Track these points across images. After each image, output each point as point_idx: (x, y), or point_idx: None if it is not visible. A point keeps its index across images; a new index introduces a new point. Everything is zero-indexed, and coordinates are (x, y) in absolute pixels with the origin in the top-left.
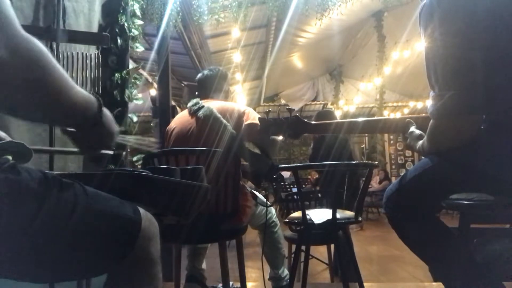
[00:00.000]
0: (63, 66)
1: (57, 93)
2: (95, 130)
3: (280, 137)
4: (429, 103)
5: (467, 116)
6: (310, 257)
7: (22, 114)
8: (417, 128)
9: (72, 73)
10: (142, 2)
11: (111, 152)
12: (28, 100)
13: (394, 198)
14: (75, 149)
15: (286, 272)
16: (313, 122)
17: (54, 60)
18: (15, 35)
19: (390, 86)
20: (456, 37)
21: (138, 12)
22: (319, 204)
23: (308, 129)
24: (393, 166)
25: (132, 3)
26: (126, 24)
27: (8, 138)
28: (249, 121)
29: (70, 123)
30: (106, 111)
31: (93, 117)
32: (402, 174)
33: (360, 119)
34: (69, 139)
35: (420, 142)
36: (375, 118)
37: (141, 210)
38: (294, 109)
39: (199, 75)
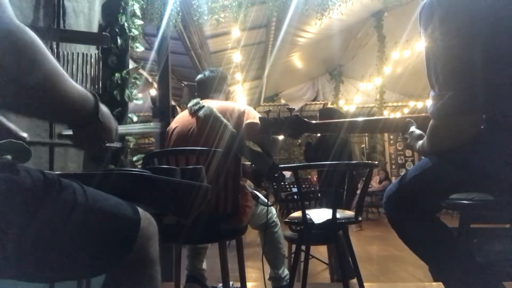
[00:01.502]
0: (62, 66)
1: (50, 85)
2: (92, 127)
3: (281, 137)
4: (429, 103)
5: (467, 116)
6: (310, 257)
7: (13, 105)
8: (417, 128)
9: (72, 73)
10: (142, 2)
11: (117, 145)
12: (18, 90)
13: (394, 198)
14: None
15: (286, 272)
16: (314, 122)
17: (47, 52)
18: (6, 22)
19: (390, 86)
20: (456, 37)
21: (138, 12)
22: (319, 204)
23: (309, 128)
24: (393, 166)
25: (132, 3)
26: (126, 24)
27: (8, 124)
28: (249, 120)
29: (65, 119)
30: (103, 108)
31: (89, 114)
32: (402, 174)
33: (360, 119)
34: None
35: (420, 142)
36: (375, 117)
37: (140, 210)
38: (294, 109)
39: (199, 76)
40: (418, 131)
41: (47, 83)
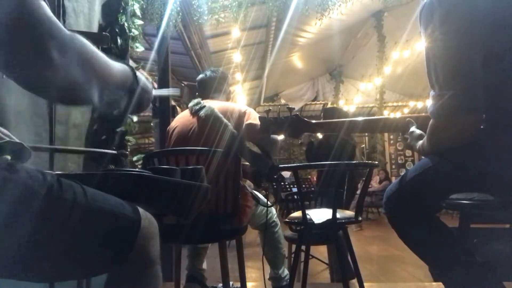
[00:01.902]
0: None
1: (104, 77)
2: (135, 94)
3: (281, 137)
4: (429, 103)
5: (467, 116)
6: (310, 257)
7: (77, 102)
8: (417, 127)
9: None
10: (142, 2)
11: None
12: (82, 90)
13: (394, 198)
14: (75, 148)
15: (286, 272)
16: (314, 121)
17: (95, 49)
18: (63, 37)
19: (390, 86)
20: (456, 37)
21: (138, 12)
22: (318, 204)
23: (309, 128)
24: (393, 166)
25: (132, 3)
26: (126, 24)
27: (9, 136)
28: (249, 121)
29: (117, 96)
30: (140, 75)
31: (131, 85)
32: (402, 174)
33: (360, 119)
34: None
35: (420, 142)
36: (375, 117)
37: (141, 210)
38: (294, 108)
39: (200, 75)
40: (418, 131)
41: (102, 76)
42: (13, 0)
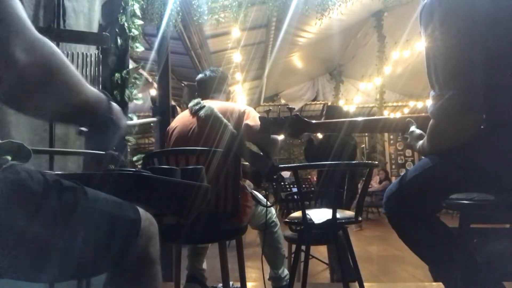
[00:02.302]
0: None
1: (71, 92)
2: (106, 125)
3: (281, 137)
4: (429, 103)
5: (467, 116)
6: (310, 257)
7: (38, 112)
8: (417, 127)
9: None
10: (142, 2)
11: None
12: (44, 99)
13: (394, 198)
14: (74, 150)
15: (286, 272)
16: (314, 121)
17: (67, 60)
18: (31, 37)
19: (390, 86)
20: (456, 37)
21: (138, 12)
22: (318, 204)
23: (309, 128)
24: (393, 166)
25: (132, 3)
26: (126, 24)
27: None
28: (248, 121)
29: (83, 121)
30: (115, 106)
31: (103, 114)
32: (402, 174)
33: (360, 119)
34: (84, 137)
35: (420, 142)
36: (375, 117)
37: (141, 210)
38: (294, 108)
39: (200, 75)
40: (418, 131)
41: (65, 89)
42: None
